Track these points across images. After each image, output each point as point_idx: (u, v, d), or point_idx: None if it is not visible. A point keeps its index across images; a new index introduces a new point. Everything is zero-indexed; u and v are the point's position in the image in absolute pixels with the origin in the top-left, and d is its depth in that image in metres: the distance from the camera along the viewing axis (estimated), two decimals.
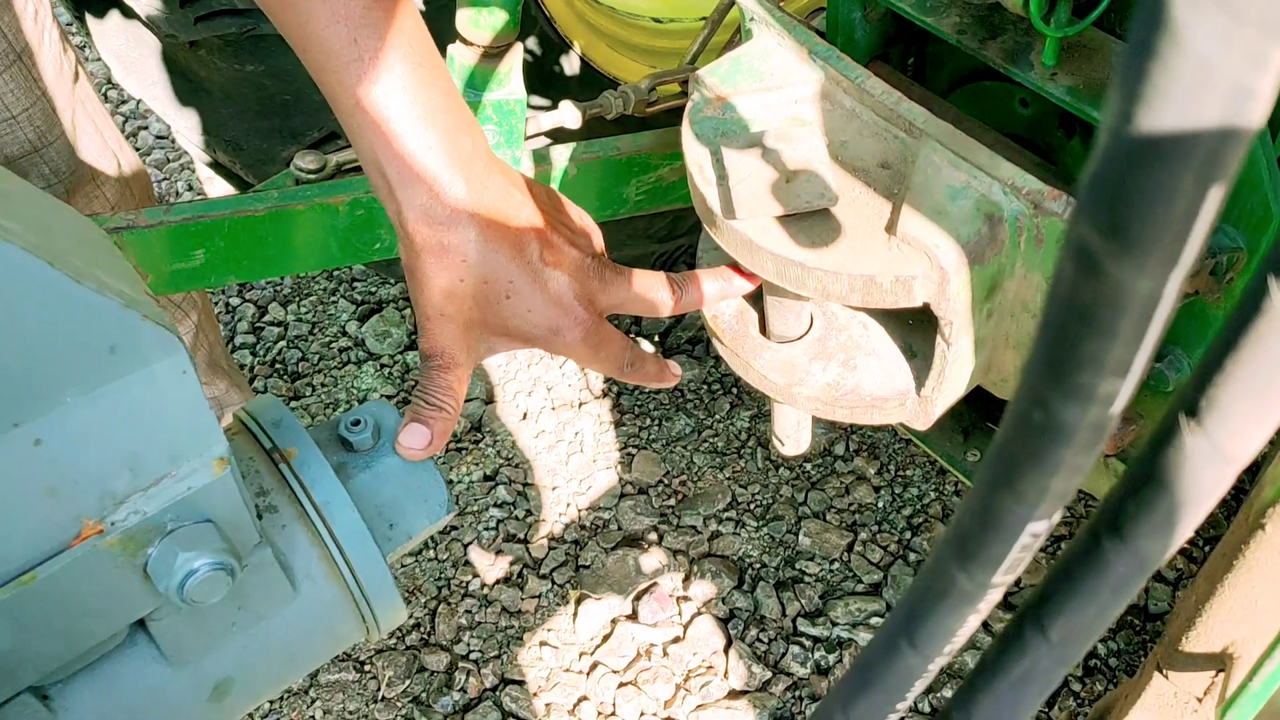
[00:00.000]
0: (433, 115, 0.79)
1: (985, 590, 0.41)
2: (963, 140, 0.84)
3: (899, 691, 0.47)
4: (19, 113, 1.07)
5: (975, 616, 0.44)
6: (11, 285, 0.55)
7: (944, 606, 0.42)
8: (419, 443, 0.85)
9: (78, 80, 1.18)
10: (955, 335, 0.85)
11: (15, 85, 1.05)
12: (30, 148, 1.11)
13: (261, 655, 0.78)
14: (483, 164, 0.83)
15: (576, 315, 0.88)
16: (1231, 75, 0.22)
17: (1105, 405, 0.31)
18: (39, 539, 0.64)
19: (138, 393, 0.63)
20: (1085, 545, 0.42)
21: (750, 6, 0.95)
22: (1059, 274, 0.28)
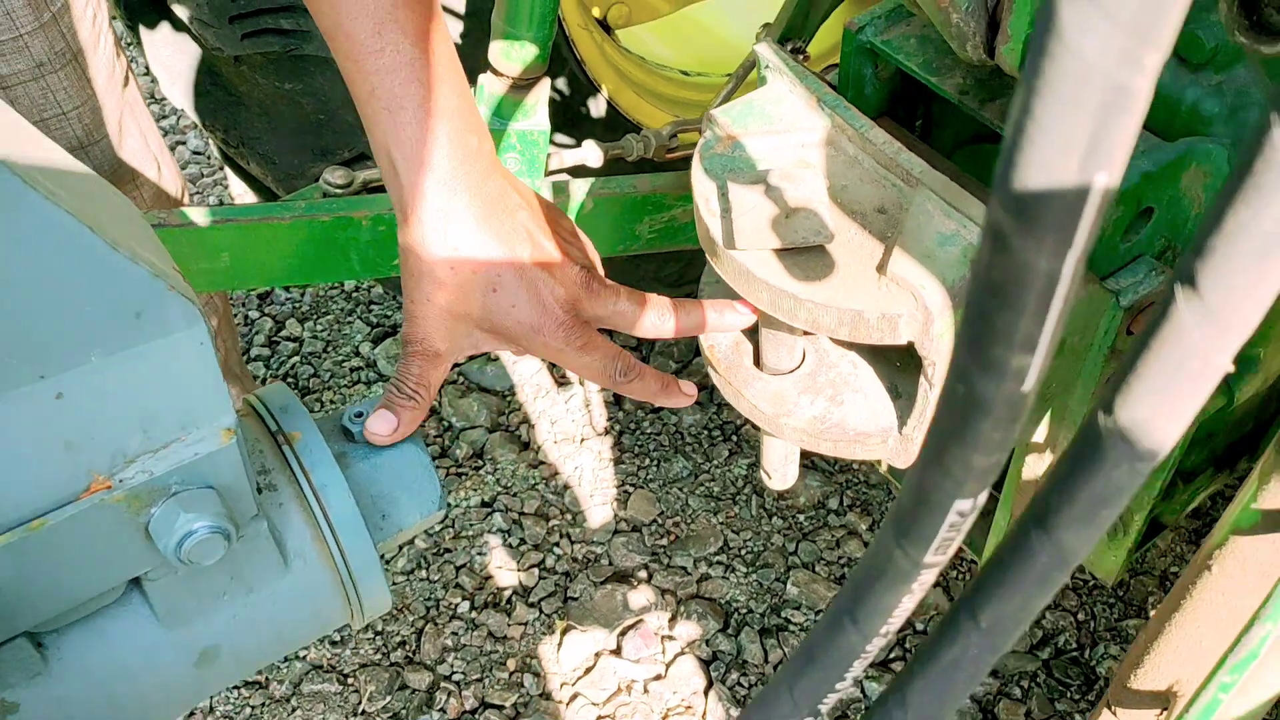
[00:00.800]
0: (442, 111, 0.85)
1: (919, 570, 0.45)
2: (955, 191, 0.88)
3: (840, 668, 0.50)
4: (70, 110, 1.12)
5: (910, 598, 0.47)
6: (54, 246, 0.60)
7: (883, 584, 0.46)
8: (384, 429, 0.89)
9: (127, 85, 1.24)
10: (937, 376, 0.89)
11: (69, 84, 1.11)
12: (77, 144, 1.17)
13: (249, 627, 0.82)
14: (486, 163, 0.89)
15: (557, 317, 0.92)
16: (1109, 73, 0.26)
17: (1017, 380, 0.34)
18: (50, 488, 0.68)
19: (158, 359, 0.67)
20: (1015, 538, 0.45)
21: (766, 55, 1.00)
22: (979, 254, 0.32)
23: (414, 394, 0.89)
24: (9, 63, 1.05)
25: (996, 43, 0.85)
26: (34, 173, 0.59)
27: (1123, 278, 0.92)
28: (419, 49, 0.83)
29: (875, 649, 0.50)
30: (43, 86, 1.09)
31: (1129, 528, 1.18)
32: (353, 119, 1.60)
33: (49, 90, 1.10)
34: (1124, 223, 0.89)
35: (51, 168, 0.64)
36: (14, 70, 1.06)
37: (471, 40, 1.51)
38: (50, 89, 1.10)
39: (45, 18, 1.06)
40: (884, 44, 1.01)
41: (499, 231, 0.89)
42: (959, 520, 0.42)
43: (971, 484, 0.40)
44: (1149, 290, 0.92)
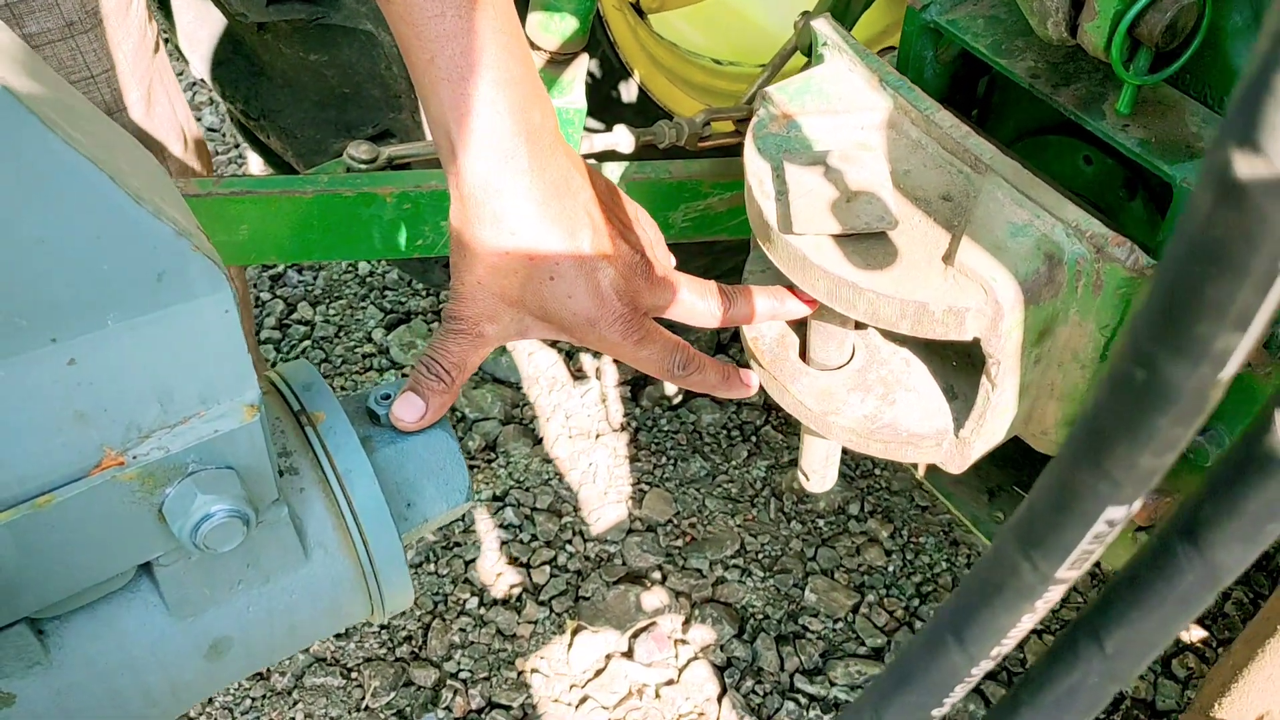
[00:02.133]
0: (507, 82, 0.79)
1: (1047, 584, 0.39)
2: (1028, 178, 0.83)
3: (939, 693, 0.45)
4: (98, 73, 1.07)
5: (1030, 617, 0.42)
6: (72, 194, 0.55)
7: (1000, 600, 0.40)
8: (411, 415, 0.83)
9: (157, 52, 1.19)
10: (1001, 377, 0.84)
11: (98, 45, 1.06)
12: (104, 109, 1.12)
13: (264, 618, 0.76)
14: (549, 140, 0.83)
15: (615, 309, 0.87)
16: None
17: (1216, 366, 0.29)
18: (59, 462, 0.62)
19: (179, 325, 0.62)
20: (1155, 551, 0.40)
21: (825, 31, 0.94)
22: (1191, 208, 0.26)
23: (445, 374, 0.84)
24: (39, 20, 1.00)
25: (1080, 19, 0.79)
26: (52, 114, 0.54)
27: None
28: (484, 12, 0.77)
29: (981, 672, 0.44)
30: (71, 47, 1.04)
31: None
32: (379, 93, 1.55)
33: (78, 51, 1.05)
34: None
35: (72, 110, 0.59)
36: (43, 28, 1.01)
37: None
38: (80, 50, 1.05)
39: None
40: (949, 23, 0.96)
41: (560, 216, 0.83)
42: (1106, 530, 0.36)
43: (1131, 488, 0.34)
44: None
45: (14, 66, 0.55)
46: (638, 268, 0.88)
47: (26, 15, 1.01)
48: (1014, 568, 0.39)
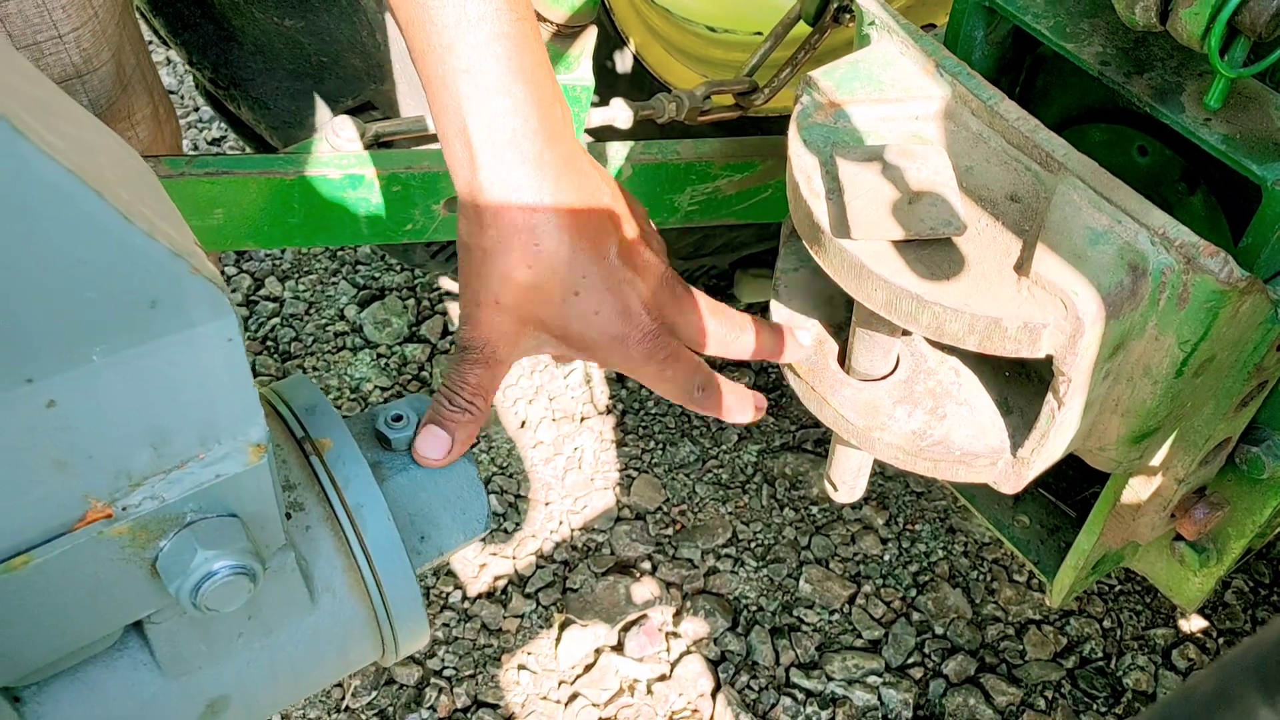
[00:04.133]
0: (530, 74, 0.71)
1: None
2: (1106, 179, 0.76)
3: None
4: (67, 32, 0.96)
5: None
6: (52, 213, 0.46)
7: None
8: (437, 452, 0.76)
9: (128, 9, 1.08)
10: (1070, 394, 0.77)
11: (67, 2, 0.95)
12: (74, 72, 1.01)
13: (265, 673, 0.68)
14: (571, 139, 0.74)
15: (644, 326, 0.79)
16: None
17: None
18: (37, 518, 0.54)
19: (175, 357, 0.53)
20: None
21: (873, 9, 0.86)
22: None
23: (469, 405, 0.76)
24: None
25: (1174, 5, 0.72)
26: (24, 114, 0.45)
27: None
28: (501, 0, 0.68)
29: None
30: (39, 4, 0.93)
31: (1224, 554, 1.07)
32: (359, 63, 1.44)
33: (45, 9, 0.94)
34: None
35: (47, 107, 0.49)
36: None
37: None
38: (47, 8, 0.94)
39: None
40: (1007, 2, 0.88)
41: (586, 225, 0.75)
42: None
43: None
44: None
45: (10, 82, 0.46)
46: (664, 279, 0.80)
47: None
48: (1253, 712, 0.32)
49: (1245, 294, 0.74)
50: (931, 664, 1.78)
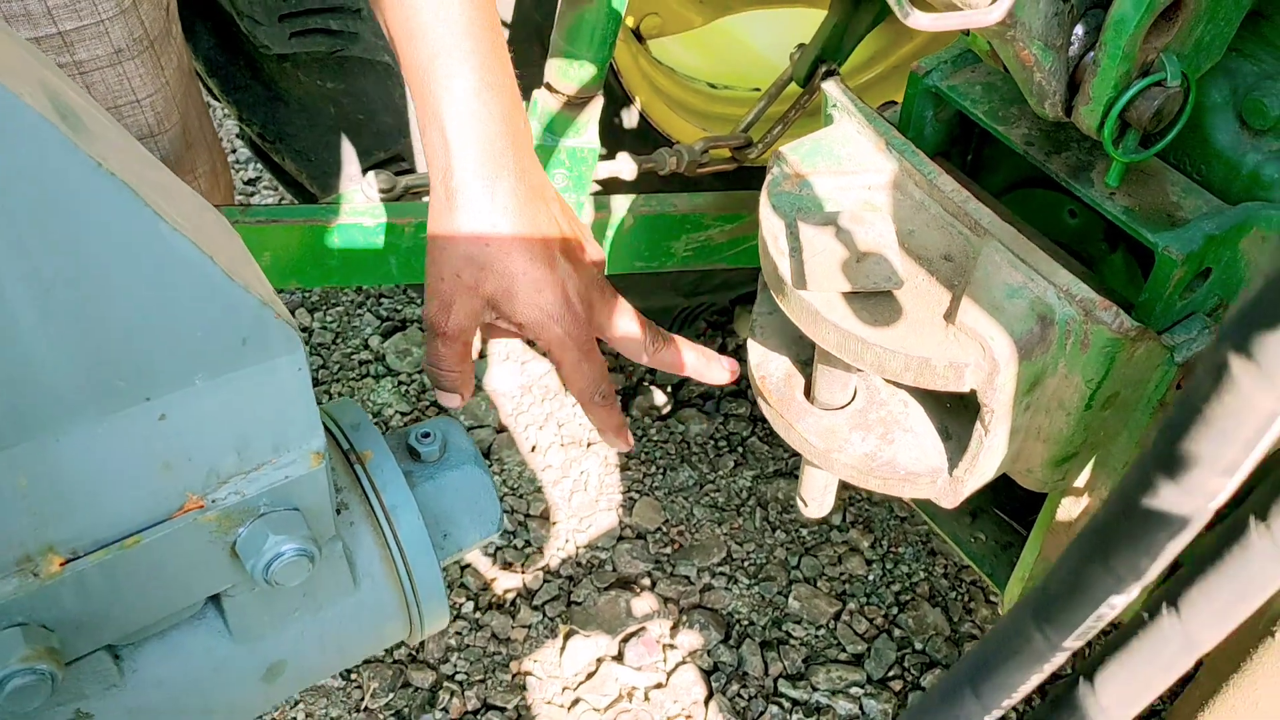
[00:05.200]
0: (499, 86, 0.87)
1: (1056, 652, 0.46)
2: (1023, 243, 0.90)
3: None
4: (144, 97, 1.12)
5: (1038, 676, 0.49)
6: (176, 274, 0.61)
7: (1015, 662, 0.47)
8: (454, 404, 0.96)
9: (191, 75, 1.24)
10: (994, 423, 0.91)
11: (144, 70, 1.11)
12: (148, 132, 1.16)
13: (315, 643, 0.83)
14: (529, 146, 0.91)
15: (576, 313, 0.93)
16: None
17: (1207, 498, 0.36)
18: (146, 507, 0.68)
19: (258, 383, 0.68)
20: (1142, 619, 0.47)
21: (835, 95, 1.01)
22: (1195, 383, 0.33)
23: (455, 373, 0.93)
24: (89, 48, 1.05)
25: (1075, 102, 0.86)
26: (158, 198, 0.60)
27: (1177, 334, 0.94)
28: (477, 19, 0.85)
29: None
30: (119, 73, 1.09)
31: None
32: (391, 120, 1.61)
33: (125, 77, 1.09)
34: (1184, 282, 0.91)
35: (167, 189, 0.64)
36: (93, 55, 1.05)
37: None
38: (126, 76, 1.09)
39: (126, 4, 1.05)
40: (950, 89, 1.03)
41: (537, 217, 0.90)
42: (1108, 612, 0.43)
43: (1133, 583, 0.41)
44: (1201, 347, 0.95)
45: (123, 156, 0.61)
46: (596, 282, 0.95)
47: (78, 43, 1.06)
48: (1028, 637, 0.46)
49: (1137, 341, 0.88)
50: (911, 677, 1.91)
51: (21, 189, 0.53)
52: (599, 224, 1.40)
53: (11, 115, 0.51)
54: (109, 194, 0.56)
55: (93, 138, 0.57)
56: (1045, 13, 0.84)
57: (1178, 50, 0.85)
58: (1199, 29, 0.85)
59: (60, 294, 0.57)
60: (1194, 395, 0.34)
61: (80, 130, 0.55)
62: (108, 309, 0.60)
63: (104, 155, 0.56)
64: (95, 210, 0.56)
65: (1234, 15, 0.86)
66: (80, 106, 0.59)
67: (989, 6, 0.78)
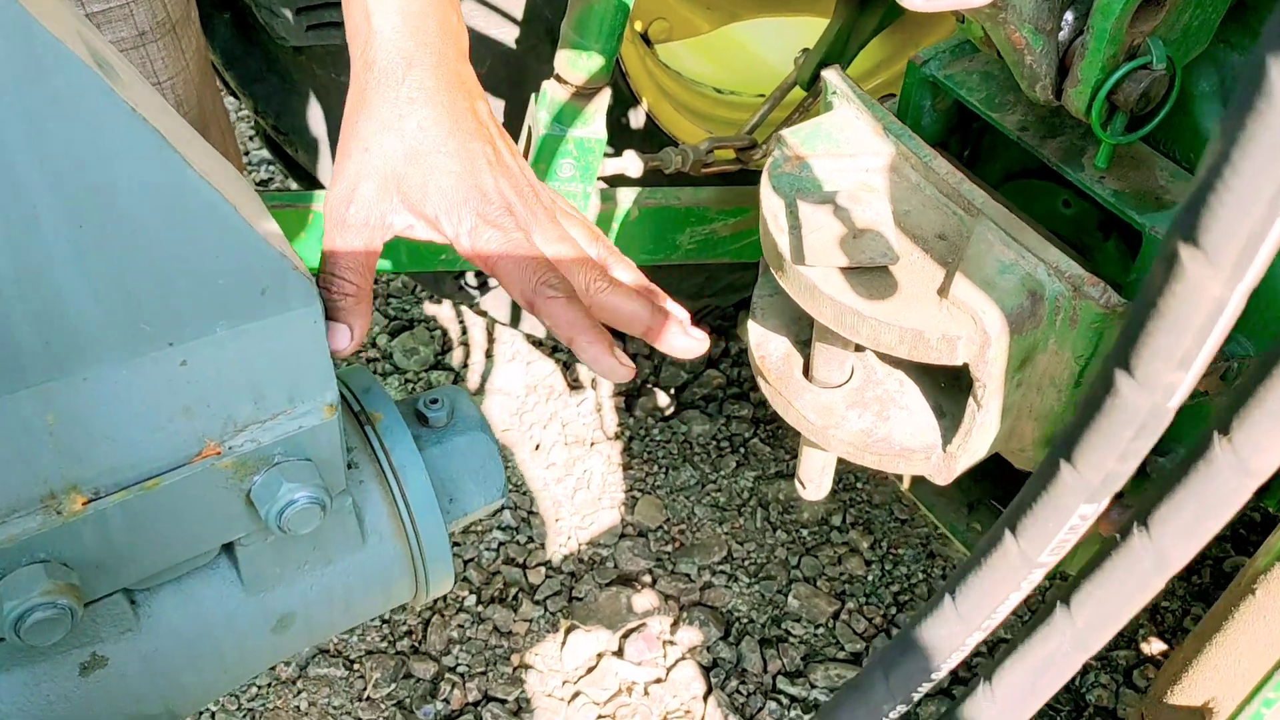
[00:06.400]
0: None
1: (1031, 569, 0.49)
2: (1015, 222, 0.93)
3: (939, 657, 0.54)
4: (165, 80, 1.15)
5: (1016, 595, 0.51)
6: (202, 220, 0.64)
7: (994, 577, 0.50)
8: (340, 344, 0.79)
9: (207, 58, 1.27)
10: (986, 398, 0.94)
11: (166, 54, 1.14)
12: None
13: (324, 597, 0.85)
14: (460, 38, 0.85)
15: (494, 204, 0.82)
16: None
17: (1166, 395, 0.39)
18: (167, 451, 0.71)
19: (276, 333, 0.71)
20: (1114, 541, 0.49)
21: (835, 82, 1.04)
22: (1149, 278, 0.36)
23: (350, 282, 0.80)
24: (115, 30, 1.08)
25: (1065, 85, 0.89)
26: (186, 148, 0.63)
27: None
28: None
29: (974, 642, 0.54)
30: (143, 55, 1.12)
31: None
32: None
33: (148, 59, 1.12)
34: None
35: (194, 144, 0.67)
36: (119, 38, 1.08)
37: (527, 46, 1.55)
38: (150, 58, 1.12)
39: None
40: (946, 78, 1.06)
41: (460, 105, 0.83)
42: (1080, 524, 0.46)
43: (1101, 489, 0.44)
44: None
45: (152, 106, 0.64)
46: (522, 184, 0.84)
47: (104, 25, 1.09)
48: (1005, 550, 0.49)
49: (1124, 318, 0.90)
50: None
51: (61, 129, 0.56)
52: (604, 216, 1.43)
53: (54, 57, 0.54)
54: (143, 139, 0.59)
55: (125, 85, 0.60)
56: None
57: (1164, 35, 0.88)
58: (1185, 15, 0.88)
59: (93, 233, 0.60)
60: (1148, 290, 0.36)
61: (115, 78, 0.59)
62: (136, 251, 0.63)
63: (136, 102, 0.59)
64: (129, 154, 0.59)
65: (1220, 2, 0.89)
66: (115, 60, 0.62)
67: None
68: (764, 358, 1.08)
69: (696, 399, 2.31)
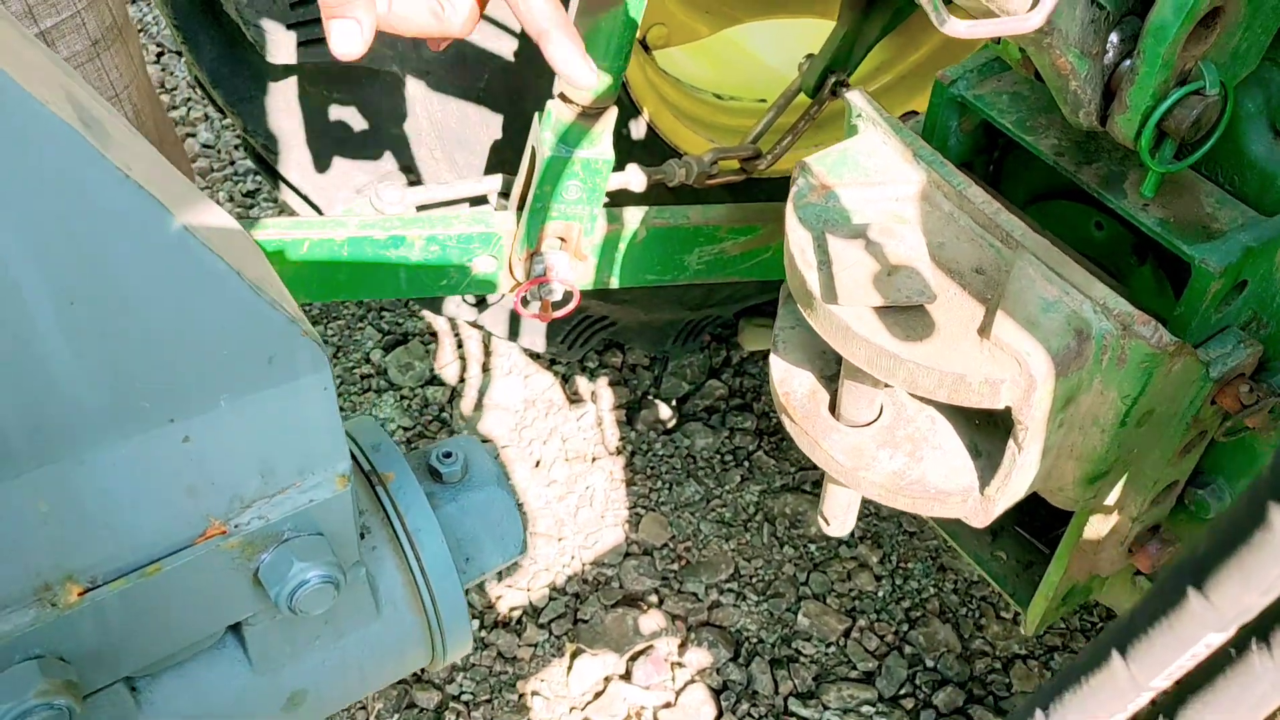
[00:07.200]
0: None
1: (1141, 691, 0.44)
2: (1057, 255, 0.88)
3: None
4: (121, 90, 1.08)
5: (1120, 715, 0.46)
6: (202, 288, 0.58)
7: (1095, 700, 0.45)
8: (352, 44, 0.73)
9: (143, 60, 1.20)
10: (1028, 440, 0.89)
11: (119, 60, 1.06)
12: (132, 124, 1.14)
13: (337, 671, 0.80)
14: None
15: None
16: None
17: None
18: (168, 533, 0.66)
19: (284, 403, 0.66)
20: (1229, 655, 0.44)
21: (860, 104, 0.99)
22: None
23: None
24: (69, 44, 1.01)
25: (1111, 111, 0.85)
26: (184, 211, 0.58)
27: (1212, 348, 0.93)
28: None
29: None
30: (98, 66, 1.05)
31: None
32: (398, 130, 1.58)
33: (104, 70, 1.05)
34: (1221, 295, 0.89)
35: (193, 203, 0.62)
36: (73, 51, 1.02)
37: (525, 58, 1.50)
38: (105, 68, 1.05)
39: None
40: (976, 99, 1.01)
41: None
42: (1204, 651, 0.41)
43: (1235, 619, 0.39)
44: (1236, 362, 0.93)
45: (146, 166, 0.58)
46: None
47: (58, 39, 1.02)
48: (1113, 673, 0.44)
49: (1175, 356, 0.86)
50: (922, 695, 1.88)
51: (47, 198, 0.51)
52: (611, 237, 1.38)
53: (37, 123, 0.49)
54: (135, 204, 0.54)
55: (117, 146, 0.54)
56: (1082, 19, 0.82)
57: (1215, 58, 0.84)
58: (1237, 37, 0.83)
59: (84, 309, 0.55)
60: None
61: (105, 139, 0.53)
62: (132, 325, 0.57)
63: (128, 164, 0.54)
64: (120, 221, 0.54)
65: (1271, 23, 0.84)
66: (103, 115, 0.57)
67: (1028, 13, 0.77)
68: (788, 394, 1.03)
69: (699, 410, 2.26)
